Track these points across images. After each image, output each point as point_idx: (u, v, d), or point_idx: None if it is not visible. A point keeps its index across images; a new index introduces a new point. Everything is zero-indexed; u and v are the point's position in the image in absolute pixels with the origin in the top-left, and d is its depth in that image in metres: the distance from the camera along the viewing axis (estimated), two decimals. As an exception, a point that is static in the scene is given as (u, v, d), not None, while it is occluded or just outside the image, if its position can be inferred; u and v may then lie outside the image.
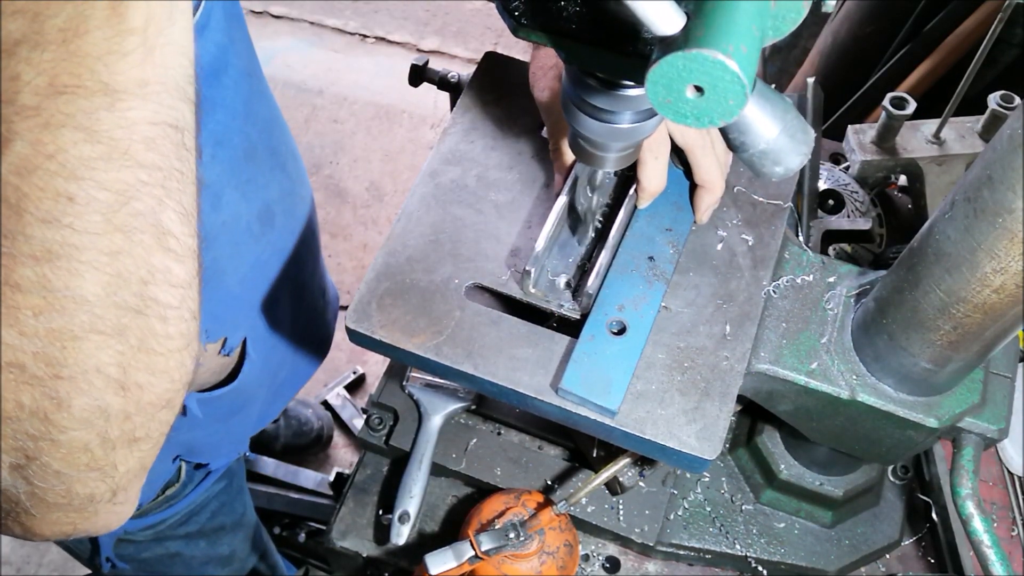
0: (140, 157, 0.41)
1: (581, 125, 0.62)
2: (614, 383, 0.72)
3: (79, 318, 0.42)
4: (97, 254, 0.41)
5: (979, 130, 1.30)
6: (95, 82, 0.39)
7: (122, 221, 0.42)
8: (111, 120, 0.40)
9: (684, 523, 1.00)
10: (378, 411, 1.06)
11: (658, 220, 0.83)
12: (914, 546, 1.05)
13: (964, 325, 0.68)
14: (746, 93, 0.41)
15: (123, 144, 0.41)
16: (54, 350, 0.42)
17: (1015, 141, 0.58)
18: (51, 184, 0.39)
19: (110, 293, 0.43)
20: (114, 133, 0.40)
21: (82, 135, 0.39)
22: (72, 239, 0.40)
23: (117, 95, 0.39)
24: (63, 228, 0.40)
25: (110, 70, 0.39)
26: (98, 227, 0.41)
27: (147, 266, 0.44)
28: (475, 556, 0.85)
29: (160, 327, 0.45)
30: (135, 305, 0.44)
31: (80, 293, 0.42)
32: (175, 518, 1.22)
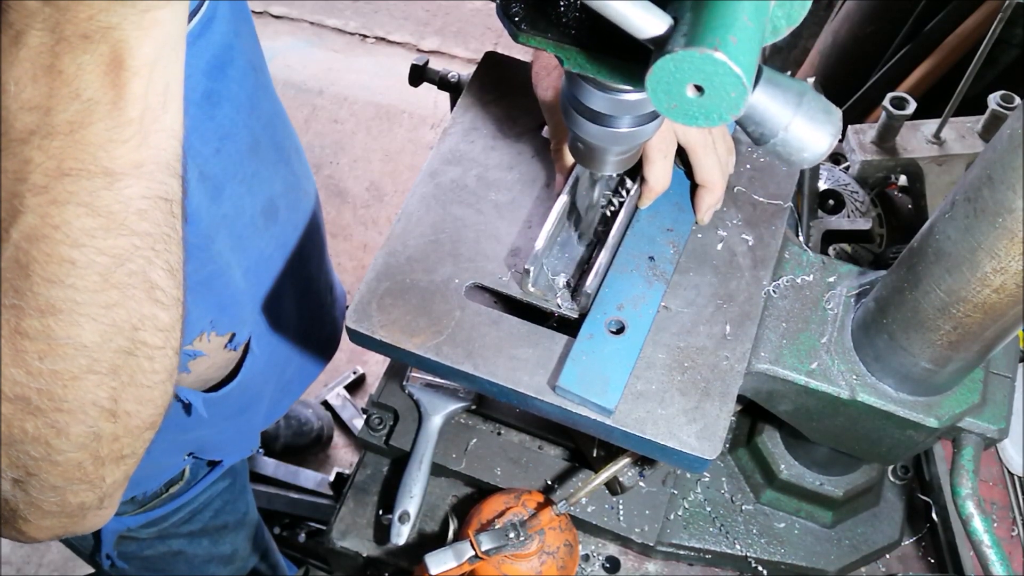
0: (134, 226, 0.48)
1: (581, 129, 0.62)
2: (611, 382, 0.72)
3: (78, 361, 0.49)
4: (95, 308, 0.48)
5: (979, 130, 1.30)
6: (97, 166, 0.45)
7: (117, 280, 0.48)
8: (110, 197, 0.46)
9: (684, 523, 1.00)
10: (378, 411, 1.06)
11: (659, 220, 0.83)
12: (914, 546, 1.05)
13: (964, 325, 0.68)
14: (745, 84, 0.41)
15: (119, 216, 0.47)
16: (56, 388, 0.49)
17: (1015, 141, 0.58)
18: (56, 250, 0.46)
19: (106, 340, 0.49)
20: (112, 207, 0.46)
21: (84, 210, 0.45)
22: (73, 296, 0.47)
23: (115, 176, 0.46)
24: (66, 287, 0.47)
25: (110, 155, 0.45)
26: (96, 285, 0.48)
27: (138, 315, 0.50)
28: (475, 556, 0.85)
29: (148, 364, 0.52)
30: (127, 348, 0.51)
31: (79, 340, 0.48)
32: (178, 516, 1.22)
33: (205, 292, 0.91)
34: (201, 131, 0.82)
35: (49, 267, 0.46)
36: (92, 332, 0.49)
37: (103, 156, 0.45)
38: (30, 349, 0.48)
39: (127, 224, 0.47)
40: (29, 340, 0.47)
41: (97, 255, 0.47)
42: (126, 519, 1.15)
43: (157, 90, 0.46)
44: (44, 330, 0.47)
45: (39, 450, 0.51)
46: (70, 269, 0.46)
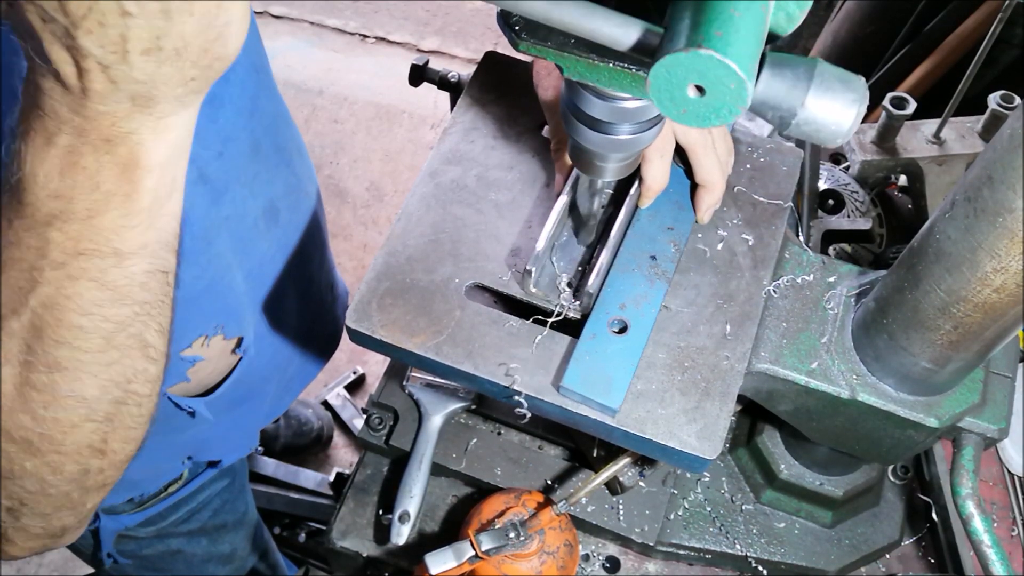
0: (136, 296, 0.54)
1: (581, 136, 0.62)
2: (615, 382, 0.72)
3: (78, 411, 0.56)
4: (96, 366, 0.55)
5: (979, 130, 1.30)
6: (108, 247, 0.51)
7: (118, 342, 0.55)
8: (117, 273, 0.53)
9: (684, 523, 1.00)
10: (378, 411, 1.06)
11: (660, 219, 0.83)
12: (914, 546, 1.05)
13: (964, 325, 0.68)
14: (740, 73, 0.41)
15: (125, 289, 0.53)
16: (56, 433, 0.56)
17: (1015, 141, 0.58)
18: (67, 317, 0.52)
19: (103, 393, 0.56)
20: (119, 282, 0.53)
21: (95, 284, 0.52)
22: (79, 356, 0.54)
23: (124, 256, 0.52)
24: (73, 348, 0.53)
25: (120, 238, 0.51)
26: (99, 347, 0.54)
27: (132, 370, 0.57)
28: (475, 556, 0.85)
29: (136, 411, 0.59)
30: (120, 399, 0.57)
31: (81, 394, 0.55)
32: (177, 515, 1.22)
33: (208, 296, 0.92)
34: (203, 135, 0.82)
35: (60, 331, 0.52)
36: (92, 386, 0.55)
37: (115, 239, 0.51)
38: (37, 399, 0.54)
39: (130, 295, 0.54)
40: (37, 392, 0.54)
41: (103, 322, 0.53)
42: (124, 518, 1.15)
43: (166, 183, 0.52)
44: (50, 384, 0.54)
45: (35, 485, 0.58)
46: (78, 333, 0.53)
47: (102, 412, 0.57)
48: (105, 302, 0.53)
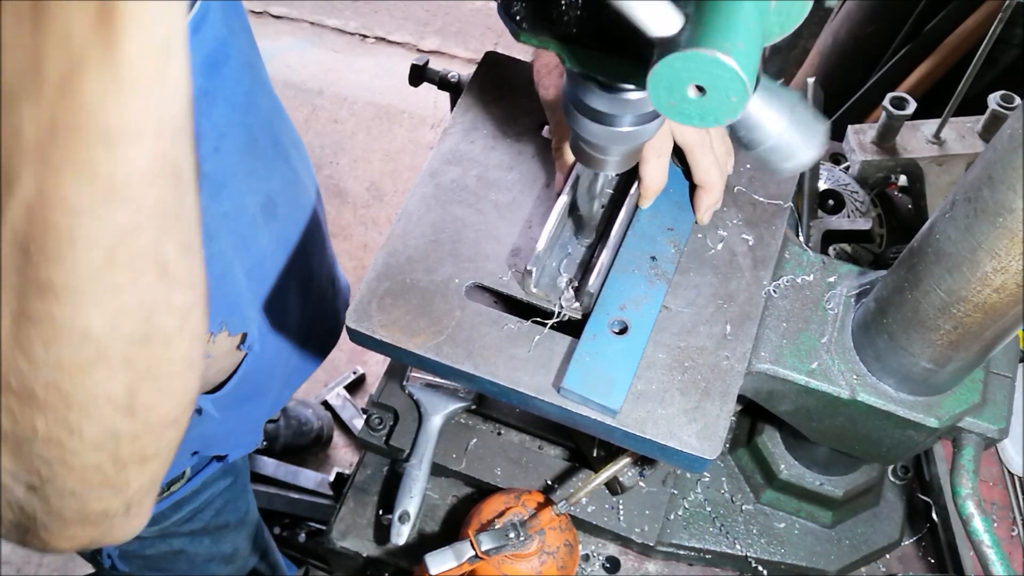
0: (139, 197, 0.42)
1: (582, 128, 0.62)
2: (616, 382, 0.72)
3: (85, 351, 0.44)
4: (100, 290, 0.43)
5: (979, 130, 1.30)
6: (92, 126, 0.39)
7: (123, 258, 0.43)
8: (109, 161, 0.40)
9: (684, 523, 1.00)
10: (378, 411, 1.06)
11: (660, 219, 0.83)
12: (914, 546, 1.05)
13: (965, 325, 0.68)
14: (748, 90, 0.41)
15: (120, 185, 0.41)
16: (63, 381, 0.44)
17: (1015, 141, 0.58)
18: (52, 221, 0.40)
19: (114, 327, 0.44)
20: (113, 174, 0.41)
21: (81, 176, 0.40)
22: (74, 275, 0.42)
23: (114, 138, 0.40)
24: (65, 265, 0.41)
25: (105, 113, 0.39)
26: (99, 264, 0.42)
27: (150, 298, 0.45)
28: (475, 556, 0.85)
29: (164, 354, 0.47)
30: (140, 336, 0.45)
31: (85, 327, 0.43)
32: (180, 515, 1.22)
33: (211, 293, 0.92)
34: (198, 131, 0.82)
35: (47, 241, 0.41)
36: (98, 317, 0.43)
37: (98, 114, 0.39)
38: (33, 335, 0.43)
39: (131, 195, 0.42)
40: (33, 325, 0.42)
41: (99, 228, 0.41)
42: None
43: (156, 47, 0.40)
44: (46, 314, 0.42)
45: (52, 451, 0.47)
46: (69, 244, 0.41)
47: (118, 354, 0.45)
48: (98, 201, 0.41)
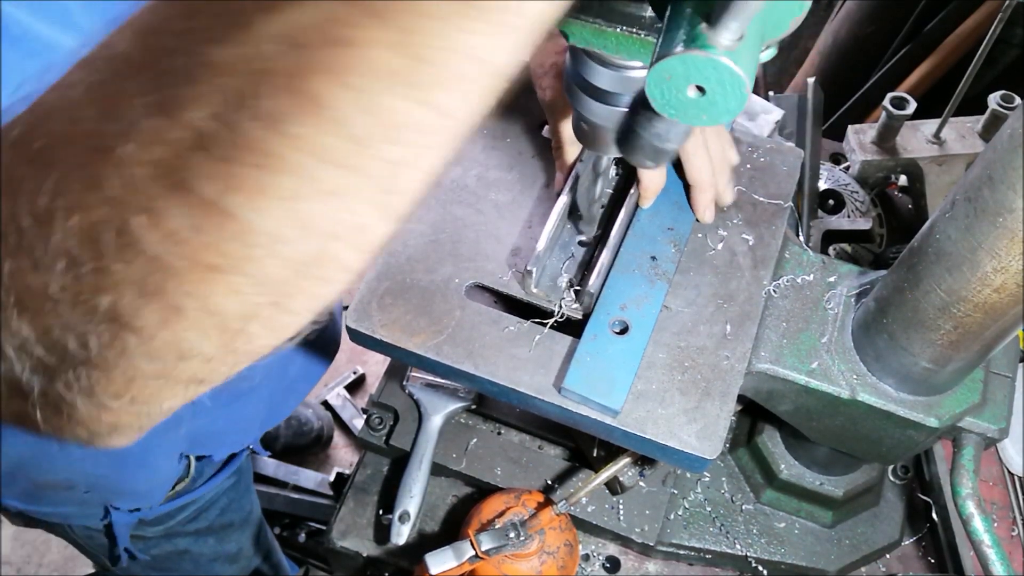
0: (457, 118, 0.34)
1: (585, 108, 0.61)
2: (617, 382, 0.72)
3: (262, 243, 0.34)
4: (322, 186, 0.33)
5: (979, 130, 1.30)
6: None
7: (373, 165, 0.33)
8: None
9: (684, 523, 1.00)
10: (378, 411, 1.06)
11: (660, 219, 0.83)
12: (914, 546, 1.05)
13: (965, 324, 0.68)
14: (745, 78, 0.42)
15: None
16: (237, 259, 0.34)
17: (1015, 141, 0.58)
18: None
19: (305, 232, 0.34)
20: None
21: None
22: (354, 175, 0.33)
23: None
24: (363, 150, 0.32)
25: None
26: (350, 156, 0.32)
27: (352, 223, 0.35)
28: (475, 556, 0.85)
29: (316, 287, 0.38)
30: (313, 256, 0.35)
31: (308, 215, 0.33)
32: (184, 514, 1.22)
33: None
34: None
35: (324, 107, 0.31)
36: (300, 216, 0.33)
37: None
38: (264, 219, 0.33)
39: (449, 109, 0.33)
40: (266, 202, 0.32)
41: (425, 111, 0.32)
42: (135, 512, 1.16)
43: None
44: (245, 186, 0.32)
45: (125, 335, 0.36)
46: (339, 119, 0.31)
47: (291, 258, 0.34)
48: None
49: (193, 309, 0.34)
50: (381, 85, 0.30)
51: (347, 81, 0.30)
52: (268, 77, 0.30)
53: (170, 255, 0.33)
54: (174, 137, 0.31)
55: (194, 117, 0.31)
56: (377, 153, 0.32)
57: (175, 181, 0.32)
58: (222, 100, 0.31)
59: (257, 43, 0.30)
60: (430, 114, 0.32)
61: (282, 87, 0.30)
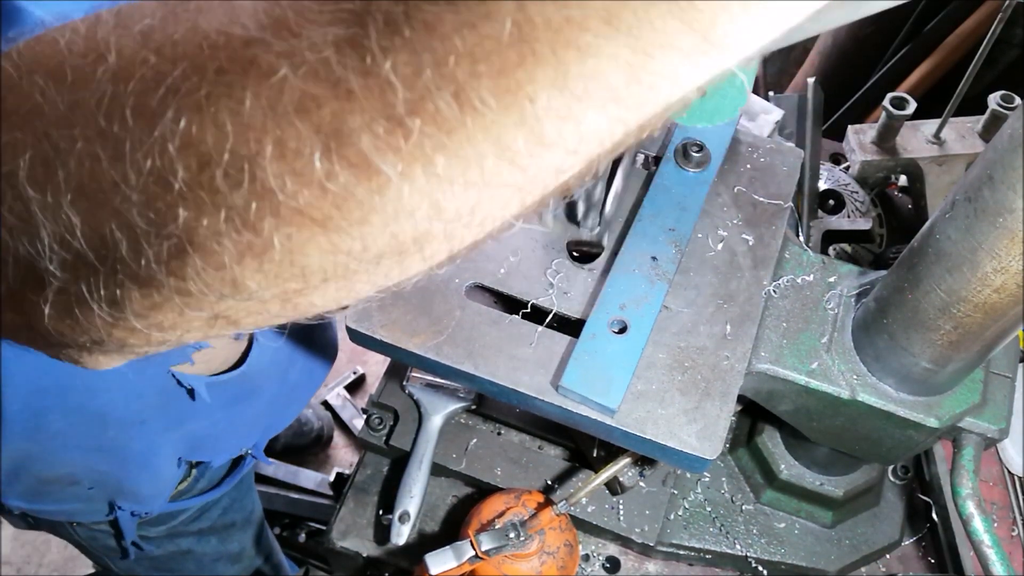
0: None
1: None
2: (615, 382, 0.72)
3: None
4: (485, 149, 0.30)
5: (979, 130, 1.30)
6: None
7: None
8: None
9: (684, 523, 1.00)
10: (378, 411, 1.06)
11: (661, 220, 0.83)
12: (914, 546, 1.05)
13: (965, 325, 0.68)
14: (744, 79, 0.42)
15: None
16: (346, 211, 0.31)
17: (1015, 141, 0.58)
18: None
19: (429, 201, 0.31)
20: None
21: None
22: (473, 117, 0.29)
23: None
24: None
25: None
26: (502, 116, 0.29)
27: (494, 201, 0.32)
28: (475, 556, 0.85)
29: (407, 269, 0.35)
30: (419, 233, 0.33)
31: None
32: (187, 514, 1.22)
33: None
34: None
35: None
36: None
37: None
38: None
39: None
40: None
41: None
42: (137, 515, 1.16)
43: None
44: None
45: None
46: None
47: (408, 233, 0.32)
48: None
49: (277, 253, 0.31)
50: (591, 97, 0.28)
51: (561, 85, 0.28)
52: (483, 54, 0.27)
53: (285, 194, 0.29)
54: (350, 80, 0.28)
55: (384, 67, 0.27)
56: (552, 160, 0.30)
57: (331, 124, 0.28)
58: (423, 60, 0.27)
59: (485, 16, 0.27)
60: (617, 132, 0.30)
61: (495, 70, 0.27)
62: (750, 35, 0.28)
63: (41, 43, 0.33)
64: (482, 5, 0.26)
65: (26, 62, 0.33)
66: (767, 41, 0.29)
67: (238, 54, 0.29)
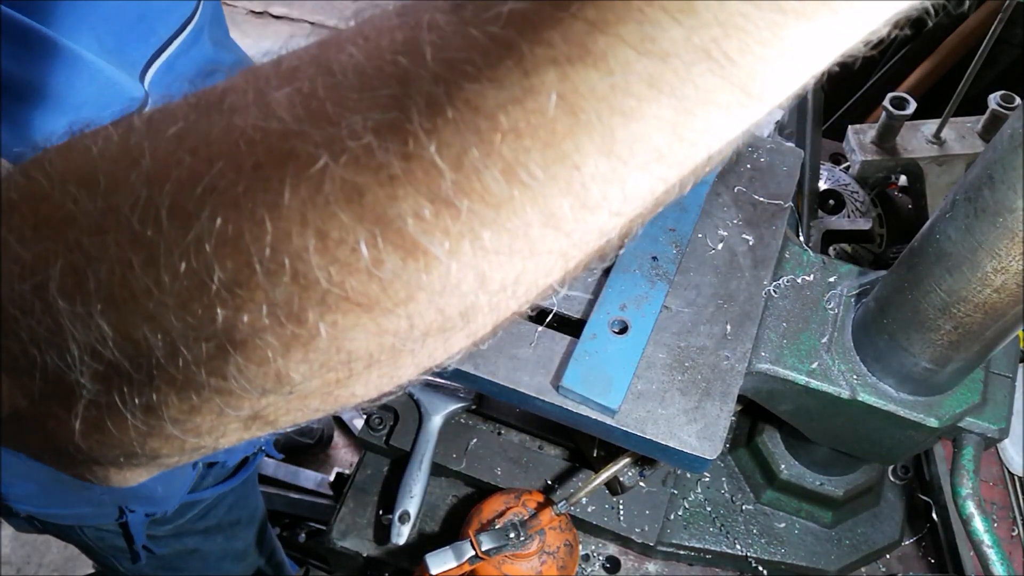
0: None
1: None
2: (615, 382, 0.72)
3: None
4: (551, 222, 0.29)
5: (979, 130, 1.30)
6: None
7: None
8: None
9: (684, 523, 1.00)
10: (378, 411, 1.06)
11: (661, 220, 0.83)
12: (914, 546, 1.05)
13: (965, 325, 0.68)
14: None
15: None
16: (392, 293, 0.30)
17: (1015, 141, 0.58)
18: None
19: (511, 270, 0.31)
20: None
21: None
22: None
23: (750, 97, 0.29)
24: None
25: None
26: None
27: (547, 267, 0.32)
28: (475, 556, 0.85)
29: (452, 344, 0.36)
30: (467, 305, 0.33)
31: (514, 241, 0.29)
32: (193, 512, 1.22)
33: None
34: None
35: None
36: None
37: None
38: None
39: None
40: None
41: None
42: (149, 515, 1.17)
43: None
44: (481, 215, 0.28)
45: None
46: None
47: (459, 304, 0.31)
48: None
49: (323, 342, 0.30)
50: (636, 159, 0.28)
51: (607, 150, 0.27)
52: (529, 128, 0.27)
53: (330, 283, 0.29)
54: (393, 165, 0.27)
55: (429, 150, 0.27)
56: (597, 223, 0.30)
57: (375, 211, 0.28)
58: (468, 139, 0.27)
59: (529, 91, 0.26)
60: (659, 189, 0.30)
61: (541, 142, 0.27)
62: (787, 83, 0.28)
63: (73, 151, 0.33)
64: (524, 79, 0.26)
65: (58, 171, 0.32)
66: (801, 85, 0.29)
67: (275, 147, 0.28)
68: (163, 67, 0.77)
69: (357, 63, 0.28)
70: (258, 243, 0.29)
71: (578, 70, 0.26)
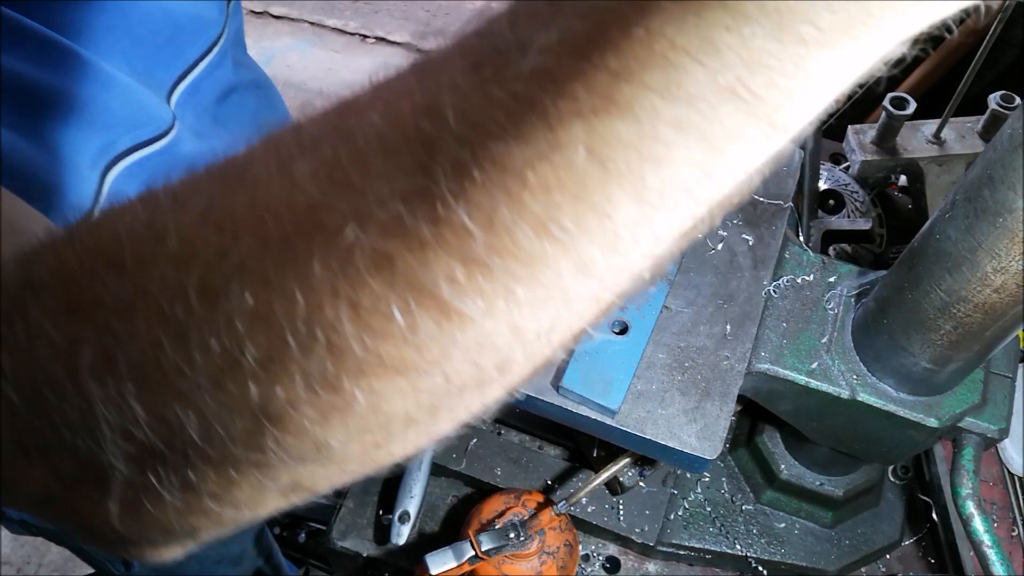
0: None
1: None
2: (615, 382, 0.72)
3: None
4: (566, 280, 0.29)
5: (979, 130, 1.30)
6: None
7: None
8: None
9: (684, 523, 1.00)
10: (378, 411, 1.06)
11: (658, 220, 0.83)
12: (914, 546, 1.05)
13: (965, 325, 0.68)
14: None
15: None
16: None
17: (1015, 141, 0.58)
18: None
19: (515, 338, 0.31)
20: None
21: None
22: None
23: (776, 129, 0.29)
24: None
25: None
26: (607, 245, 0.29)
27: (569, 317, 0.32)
28: (475, 556, 0.85)
29: (488, 395, 0.34)
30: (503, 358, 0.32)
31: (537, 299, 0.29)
32: None
33: None
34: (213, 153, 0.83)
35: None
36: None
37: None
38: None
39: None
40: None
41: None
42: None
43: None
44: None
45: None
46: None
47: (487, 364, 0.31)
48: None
49: (360, 407, 0.30)
50: (666, 201, 0.28)
51: (638, 197, 0.27)
52: (558, 183, 0.26)
53: (364, 351, 0.29)
54: (423, 231, 0.27)
55: (458, 213, 0.26)
56: (628, 265, 0.29)
57: (406, 278, 0.27)
58: (497, 199, 0.26)
59: (556, 147, 0.26)
60: (688, 225, 0.30)
61: (571, 196, 0.27)
62: (811, 110, 0.28)
63: (101, 230, 0.33)
64: (550, 134, 0.26)
65: (87, 252, 0.32)
66: (823, 111, 0.29)
67: (302, 220, 0.28)
68: (188, 89, 0.77)
69: (379, 129, 0.28)
70: (290, 317, 0.28)
71: (604, 121, 0.26)
